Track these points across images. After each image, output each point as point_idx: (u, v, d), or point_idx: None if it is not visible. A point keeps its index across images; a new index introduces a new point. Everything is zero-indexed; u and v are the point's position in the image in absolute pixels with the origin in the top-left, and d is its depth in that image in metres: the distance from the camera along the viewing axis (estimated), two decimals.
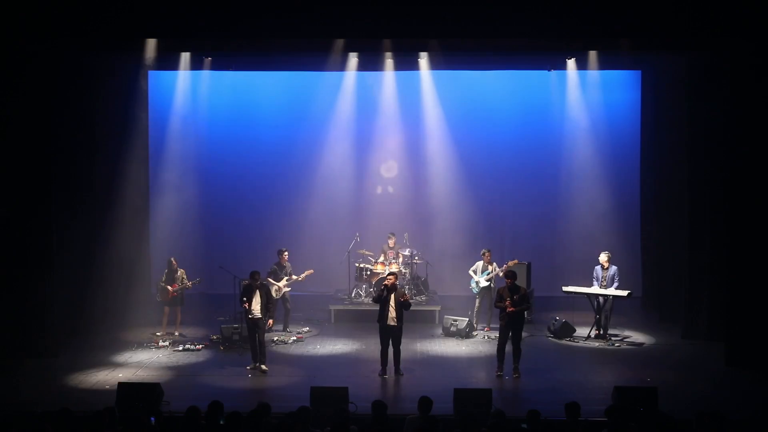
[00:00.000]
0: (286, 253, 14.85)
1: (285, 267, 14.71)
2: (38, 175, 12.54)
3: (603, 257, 14.10)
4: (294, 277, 14.68)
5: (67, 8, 12.05)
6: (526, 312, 12.40)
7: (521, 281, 15.07)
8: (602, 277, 14.03)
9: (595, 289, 14.02)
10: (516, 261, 14.87)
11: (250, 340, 12.21)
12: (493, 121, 17.48)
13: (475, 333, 14.41)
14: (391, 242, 15.99)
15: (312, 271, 15.01)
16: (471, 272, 14.98)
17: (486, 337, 14.22)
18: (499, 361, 11.95)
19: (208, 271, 15.79)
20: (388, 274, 12.27)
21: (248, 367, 12.06)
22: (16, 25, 12.03)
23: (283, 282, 14.42)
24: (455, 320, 14.39)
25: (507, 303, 11.84)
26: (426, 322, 15.13)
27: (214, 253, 16.97)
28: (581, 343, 13.81)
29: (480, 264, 14.91)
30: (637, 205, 17.03)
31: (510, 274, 12.22)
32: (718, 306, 13.20)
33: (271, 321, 12.41)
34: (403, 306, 11.93)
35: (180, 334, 14.16)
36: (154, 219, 16.87)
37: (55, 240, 12.83)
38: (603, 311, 13.95)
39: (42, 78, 12.46)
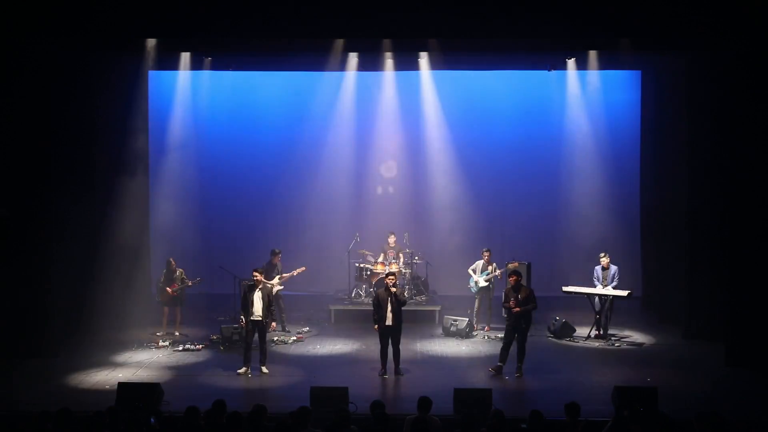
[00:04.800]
0: (280, 254, 14.79)
1: (276, 266, 14.66)
2: (38, 175, 12.54)
3: (603, 258, 14.11)
4: (286, 275, 14.62)
5: (67, 7, 12.05)
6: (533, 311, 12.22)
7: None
8: (602, 277, 14.04)
9: (594, 289, 14.03)
10: (516, 263, 14.86)
11: (246, 341, 12.05)
12: (493, 121, 17.48)
13: (475, 333, 14.40)
14: (391, 241, 15.98)
15: (304, 268, 14.88)
16: (470, 271, 14.96)
17: (486, 337, 14.22)
18: (500, 359, 11.90)
19: (208, 271, 15.79)
20: (388, 275, 12.26)
21: (239, 371, 11.91)
22: (16, 24, 12.03)
23: (276, 281, 14.39)
24: (455, 320, 14.38)
25: (512, 303, 11.83)
26: (426, 322, 15.13)
27: (214, 253, 16.99)
28: (581, 343, 13.81)
29: (480, 263, 14.90)
30: (637, 205, 17.03)
31: (514, 273, 12.18)
32: (718, 306, 13.20)
33: (273, 324, 12.36)
34: (399, 302, 11.95)
35: (180, 334, 14.16)
36: (154, 219, 16.87)
37: (54, 240, 12.83)
38: (603, 311, 13.96)
39: (42, 77, 12.44)
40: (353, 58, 15.40)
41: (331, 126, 17.39)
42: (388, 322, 11.89)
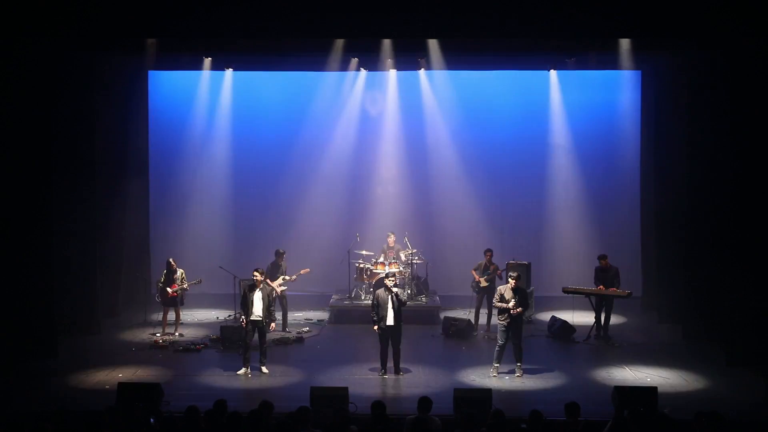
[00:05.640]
0: (284, 255, 14.81)
1: (280, 267, 14.67)
2: (38, 175, 12.53)
3: (603, 259, 14.10)
4: (287, 277, 14.63)
5: (67, 8, 12.04)
6: (525, 312, 12.35)
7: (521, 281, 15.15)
8: (603, 278, 14.03)
9: (594, 289, 14.02)
10: (516, 263, 14.86)
11: (246, 342, 12.02)
12: (493, 121, 17.47)
13: (475, 333, 14.39)
14: (390, 241, 15.99)
15: (308, 269, 14.98)
16: (473, 271, 14.97)
17: (486, 337, 14.22)
18: (496, 361, 11.92)
19: (208, 271, 15.78)
20: (388, 275, 12.24)
21: (239, 372, 11.91)
22: (16, 24, 12.01)
23: (278, 282, 14.38)
24: (455, 320, 14.38)
25: (512, 304, 11.83)
26: (426, 322, 15.12)
27: (214, 253, 16.97)
28: (581, 343, 13.81)
29: (482, 263, 14.90)
30: (636, 205, 17.03)
31: (516, 275, 12.20)
32: (718, 306, 13.20)
33: (273, 325, 12.36)
34: (399, 303, 11.94)
35: (180, 334, 14.15)
36: (154, 219, 16.90)
37: (55, 240, 12.82)
38: (603, 311, 13.95)
39: (42, 78, 12.43)
40: (354, 58, 15.40)
41: (331, 126, 17.42)
42: (389, 322, 11.89)
